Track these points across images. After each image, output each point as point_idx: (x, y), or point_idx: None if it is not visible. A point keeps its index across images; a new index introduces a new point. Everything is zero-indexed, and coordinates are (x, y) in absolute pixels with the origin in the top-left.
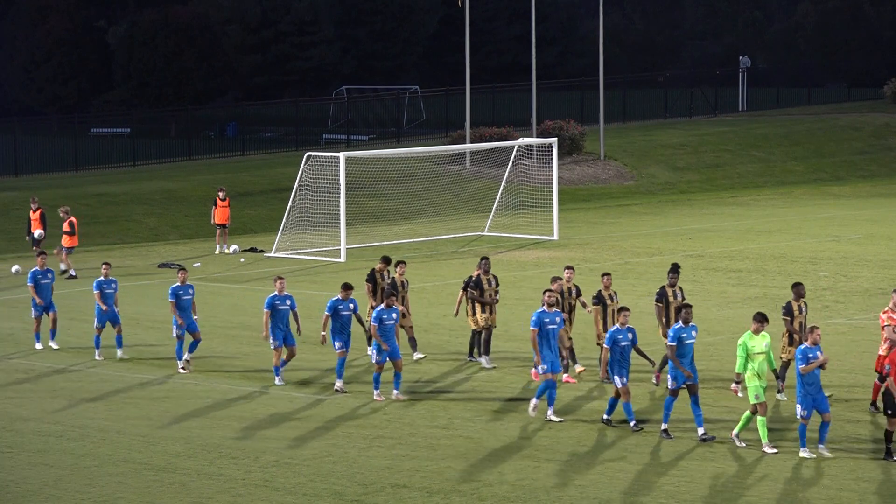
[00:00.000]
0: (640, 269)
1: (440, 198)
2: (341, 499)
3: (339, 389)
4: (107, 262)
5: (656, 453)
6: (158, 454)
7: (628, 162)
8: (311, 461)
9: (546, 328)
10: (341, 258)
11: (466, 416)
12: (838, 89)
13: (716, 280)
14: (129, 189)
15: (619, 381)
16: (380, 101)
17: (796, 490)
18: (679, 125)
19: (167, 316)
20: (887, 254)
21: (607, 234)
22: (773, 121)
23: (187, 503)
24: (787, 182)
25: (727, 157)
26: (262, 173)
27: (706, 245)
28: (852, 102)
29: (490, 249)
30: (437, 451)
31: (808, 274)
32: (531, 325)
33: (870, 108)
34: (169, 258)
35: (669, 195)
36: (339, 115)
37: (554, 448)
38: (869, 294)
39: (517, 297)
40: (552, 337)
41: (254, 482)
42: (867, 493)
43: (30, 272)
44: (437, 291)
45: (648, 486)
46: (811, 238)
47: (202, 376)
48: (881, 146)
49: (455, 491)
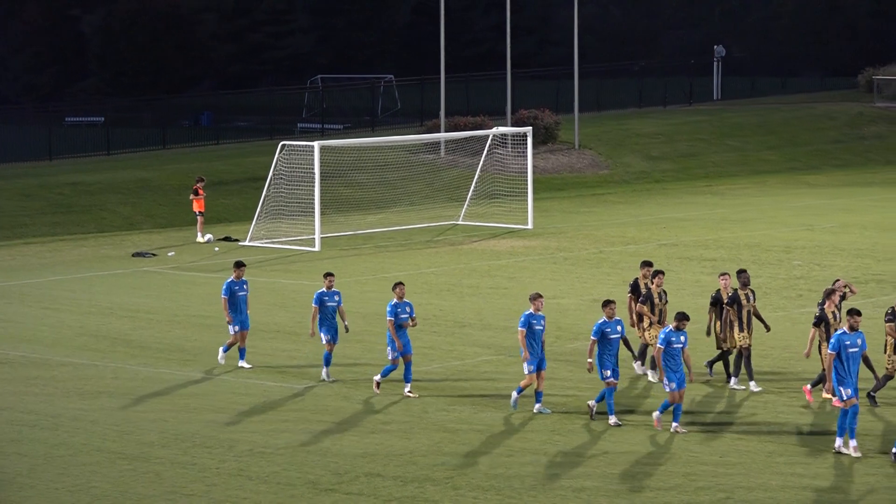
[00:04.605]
0: (614, 258)
1: (415, 187)
2: (315, 487)
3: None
4: (330, 273)
5: (631, 445)
6: (132, 443)
7: (603, 151)
8: (285, 450)
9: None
10: (316, 247)
11: (440, 405)
12: (813, 79)
13: (690, 269)
14: (103, 178)
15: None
16: (354, 90)
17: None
18: (654, 114)
19: (141, 305)
20: (861, 243)
21: (582, 224)
22: (748, 110)
23: (161, 492)
24: (761, 171)
25: (702, 147)
26: (236, 162)
27: (680, 234)
28: (827, 92)
29: (465, 238)
30: (411, 441)
31: (783, 263)
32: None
33: (844, 98)
34: (143, 247)
35: (644, 184)
36: (313, 105)
37: (528, 437)
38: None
39: (491, 286)
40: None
41: (228, 471)
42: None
43: (225, 283)
44: (411, 280)
45: (624, 477)
46: (785, 227)
47: (176, 366)
48: (855, 135)
49: (429, 479)
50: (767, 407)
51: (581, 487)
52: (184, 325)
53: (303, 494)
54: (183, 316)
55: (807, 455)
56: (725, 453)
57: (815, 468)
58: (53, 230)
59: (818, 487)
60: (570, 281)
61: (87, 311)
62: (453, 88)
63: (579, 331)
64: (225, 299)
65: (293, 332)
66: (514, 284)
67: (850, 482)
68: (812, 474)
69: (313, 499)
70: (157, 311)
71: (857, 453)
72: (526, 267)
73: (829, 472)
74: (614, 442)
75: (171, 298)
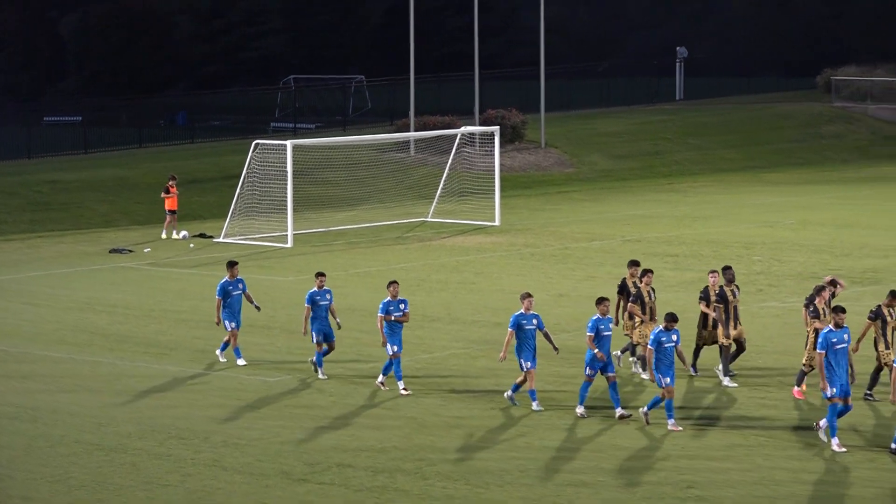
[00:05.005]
0: (579, 254)
1: (385, 184)
2: (288, 478)
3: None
4: (322, 273)
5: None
6: (110, 435)
7: (569, 150)
8: (259, 441)
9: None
10: (288, 243)
11: (410, 398)
12: (773, 79)
13: (653, 264)
14: (81, 176)
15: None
16: (326, 90)
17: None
18: (618, 114)
19: (118, 300)
20: (819, 239)
21: (548, 220)
22: (710, 110)
23: (138, 482)
24: (722, 169)
25: (665, 146)
26: (211, 161)
27: (644, 231)
28: (786, 92)
29: (434, 235)
30: (381, 432)
31: (743, 258)
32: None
33: (803, 98)
34: (120, 244)
35: (608, 182)
36: (286, 104)
37: (497, 429)
38: (802, 278)
39: (459, 281)
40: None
41: (203, 462)
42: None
43: (219, 283)
44: (381, 276)
45: (591, 466)
46: (745, 224)
47: (152, 359)
48: (814, 134)
49: (399, 470)
50: (752, 401)
51: (546, 478)
52: (159, 320)
53: (276, 484)
54: (159, 311)
55: (799, 448)
56: (719, 448)
57: (809, 462)
58: (32, 227)
59: (813, 481)
60: (536, 276)
61: (66, 306)
62: (423, 89)
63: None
64: (219, 300)
65: (266, 326)
66: (482, 279)
67: (844, 475)
68: (806, 468)
69: (286, 489)
70: (134, 306)
71: (840, 448)
72: (493, 263)
73: (823, 466)
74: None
75: (147, 294)
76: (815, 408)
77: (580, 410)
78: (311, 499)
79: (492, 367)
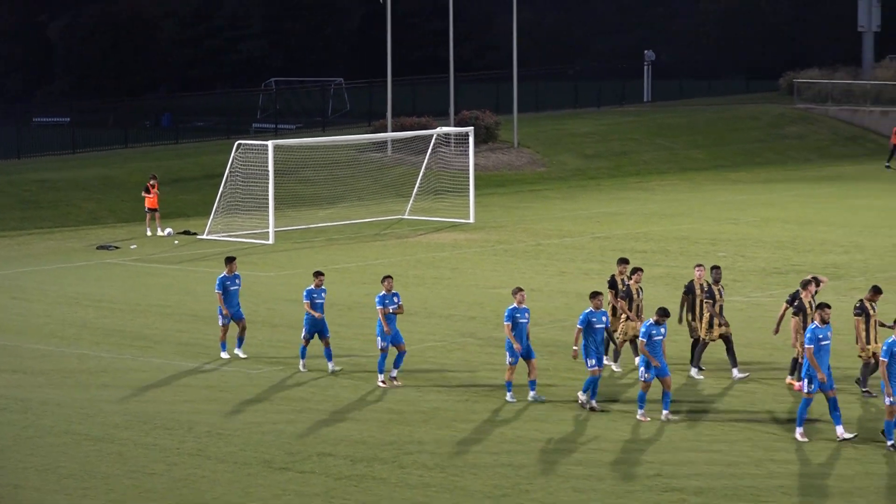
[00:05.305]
0: (551, 250)
1: (363, 183)
2: (270, 466)
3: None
4: (320, 272)
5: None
6: (97, 425)
7: (540, 149)
8: (241, 431)
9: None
10: (270, 240)
11: (388, 389)
12: (737, 82)
13: None
14: (68, 175)
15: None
16: (306, 92)
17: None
18: (588, 115)
19: (105, 295)
20: (782, 235)
21: (521, 218)
22: (677, 111)
23: (124, 471)
24: (689, 168)
25: (633, 145)
26: (194, 160)
27: (613, 227)
28: (750, 94)
29: (410, 232)
30: (360, 423)
31: (709, 254)
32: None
33: (767, 100)
34: (107, 240)
35: (579, 181)
36: (267, 106)
37: (471, 419)
38: (766, 273)
39: (435, 276)
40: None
41: (187, 451)
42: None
43: (218, 278)
44: (360, 272)
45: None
46: (711, 221)
47: (138, 352)
48: (777, 135)
49: (377, 459)
50: (737, 394)
51: (519, 465)
52: (145, 314)
53: (258, 473)
54: (144, 305)
55: (789, 441)
56: (711, 440)
57: (799, 454)
58: (22, 224)
59: (803, 473)
60: (509, 272)
61: (55, 301)
62: (399, 91)
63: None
64: (219, 294)
65: (248, 320)
66: (457, 275)
67: (832, 468)
68: (797, 460)
69: (268, 477)
70: (120, 301)
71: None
72: (468, 258)
73: (813, 458)
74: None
75: (133, 289)
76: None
77: (591, 402)
78: (292, 486)
79: (467, 360)
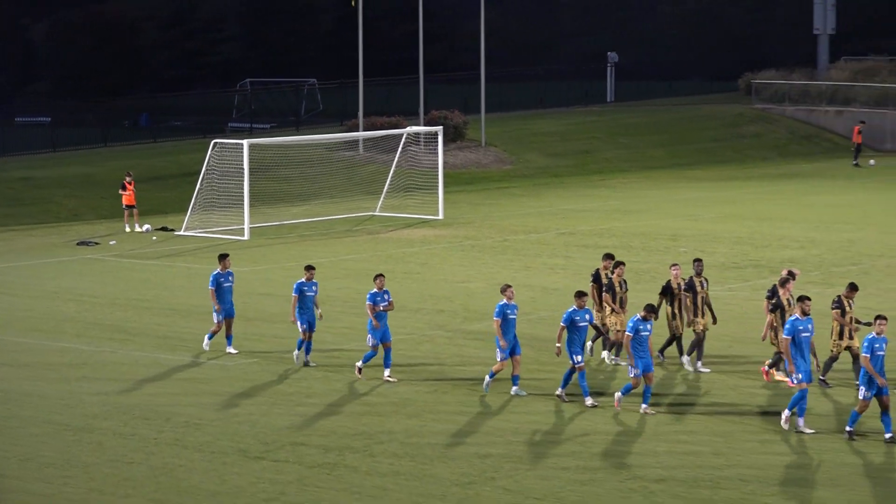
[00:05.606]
0: (517, 245)
1: (335, 181)
2: (245, 455)
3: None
4: (311, 266)
5: (540, 415)
6: (77, 416)
7: (507, 148)
8: (218, 422)
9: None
10: (245, 236)
11: (359, 381)
12: (697, 82)
13: (586, 255)
14: (50, 173)
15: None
16: (281, 92)
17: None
18: (553, 115)
19: (85, 289)
20: (740, 231)
21: (488, 214)
22: (639, 111)
23: (104, 460)
24: (650, 167)
25: (596, 144)
26: (172, 159)
27: (577, 223)
28: (710, 94)
29: (381, 228)
30: (332, 413)
31: (669, 249)
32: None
33: (725, 100)
34: (87, 236)
35: (544, 178)
36: (243, 106)
37: (439, 409)
38: (724, 268)
39: (405, 271)
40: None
41: (165, 441)
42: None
43: (212, 275)
44: (332, 267)
45: (527, 444)
46: (671, 217)
47: (117, 345)
48: (735, 134)
49: (349, 448)
50: (718, 387)
51: (486, 455)
52: (124, 308)
53: (234, 462)
54: (123, 299)
55: (768, 433)
56: (693, 432)
57: (777, 446)
58: (4, 221)
59: (782, 464)
60: (476, 266)
61: (36, 295)
62: (371, 91)
63: (485, 312)
64: (212, 290)
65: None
66: (426, 270)
67: (808, 458)
68: (775, 451)
69: (243, 466)
70: (100, 295)
71: (809, 430)
72: (437, 254)
73: (789, 449)
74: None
75: (112, 283)
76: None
77: (590, 401)
78: (266, 475)
79: (436, 353)
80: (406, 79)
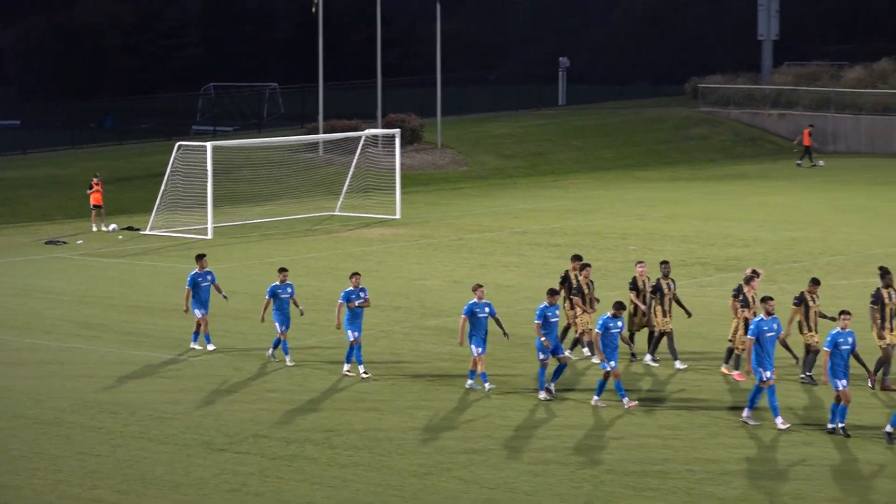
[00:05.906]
0: (472, 244)
1: (296, 182)
2: (209, 448)
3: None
4: (284, 268)
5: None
6: (46, 410)
7: (462, 150)
8: (182, 415)
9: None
10: (208, 235)
11: (319, 374)
12: (646, 87)
13: (538, 253)
14: (19, 175)
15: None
16: (243, 96)
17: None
18: (507, 118)
19: (54, 287)
20: (687, 230)
21: (444, 214)
22: (589, 114)
23: (72, 453)
24: (600, 168)
25: (548, 146)
26: (138, 160)
27: (530, 223)
28: (658, 98)
29: (340, 227)
30: (293, 406)
31: (619, 248)
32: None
33: (673, 103)
34: (55, 236)
35: (498, 179)
36: (206, 109)
37: (398, 402)
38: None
39: (363, 269)
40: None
41: (131, 434)
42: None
43: (189, 275)
44: (292, 265)
45: (482, 437)
46: (621, 217)
47: (85, 341)
48: (682, 136)
49: (309, 440)
50: (687, 383)
51: (443, 447)
52: (92, 305)
53: (198, 454)
54: (91, 297)
55: (738, 427)
56: (664, 427)
57: (748, 440)
58: None
59: (751, 457)
60: (433, 264)
61: (5, 293)
62: (330, 95)
63: (441, 308)
64: (189, 290)
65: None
66: (384, 268)
67: (776, 453)
68: (745, 445)
69: (207, 457)
70: (69, 293)
71: (784, 425)
72: (394, 252)
73: (759, 444)
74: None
75: (80, 281)
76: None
77: (542, 395)
78: (229, 466)
79: (393, 348)
80: (364, 83)
